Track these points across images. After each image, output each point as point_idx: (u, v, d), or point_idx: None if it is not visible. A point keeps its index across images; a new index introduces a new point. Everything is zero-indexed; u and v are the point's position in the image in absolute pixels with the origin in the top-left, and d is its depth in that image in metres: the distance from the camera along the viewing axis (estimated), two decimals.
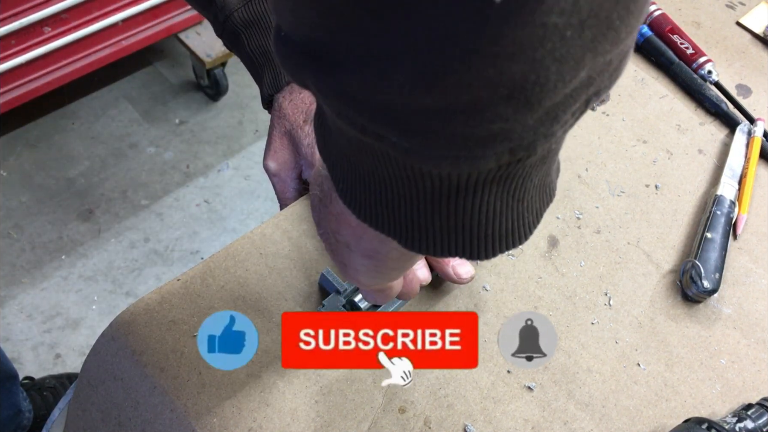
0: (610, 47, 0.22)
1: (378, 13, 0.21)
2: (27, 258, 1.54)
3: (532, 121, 0.23)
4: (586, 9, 0.20)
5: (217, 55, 1.70)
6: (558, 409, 0.54)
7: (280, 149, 0.62)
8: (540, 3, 0.19)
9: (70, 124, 1.76)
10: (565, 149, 0.70)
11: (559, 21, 0.20)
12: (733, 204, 0.65)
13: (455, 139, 0.23)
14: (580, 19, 0.20)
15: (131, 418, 0.52)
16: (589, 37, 0.21)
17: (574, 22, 0.20)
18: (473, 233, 0.28)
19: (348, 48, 0.22)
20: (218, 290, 0.56)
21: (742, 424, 0.51)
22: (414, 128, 0.23)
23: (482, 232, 0.28)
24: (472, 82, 0.21)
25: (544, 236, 0.63)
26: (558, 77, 0.21)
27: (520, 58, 0.20)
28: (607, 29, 0.21)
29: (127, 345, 0.53)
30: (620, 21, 0.21)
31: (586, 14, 0.20)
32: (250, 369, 0.52)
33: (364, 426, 0.51)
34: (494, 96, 0.21)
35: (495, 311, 0.58)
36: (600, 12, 0.20)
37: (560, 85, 0.22)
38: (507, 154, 0.24)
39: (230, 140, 1.78)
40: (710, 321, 0.60)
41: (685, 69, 0.77)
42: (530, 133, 0.23)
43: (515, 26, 0.19)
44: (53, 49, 1.50)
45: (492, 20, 0.19)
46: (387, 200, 0.28)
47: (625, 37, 0.22)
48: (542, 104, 0.22)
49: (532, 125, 0.23)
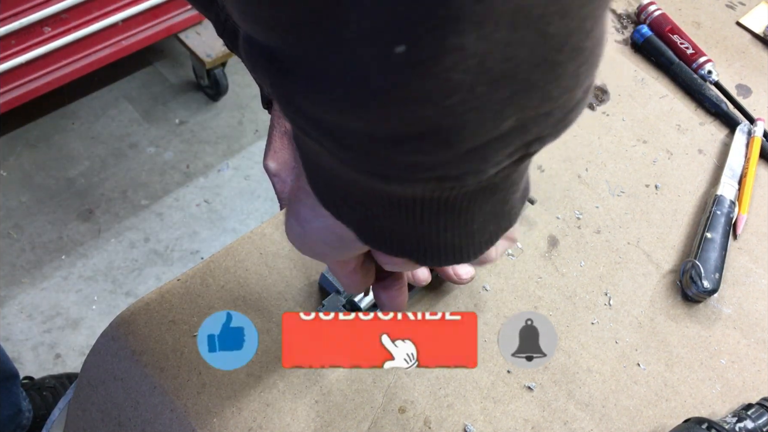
0: (540, 104, 0.23)
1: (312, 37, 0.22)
2: (27, 258, 1.54)
3: (455, 157, 0.24)
4: (497, 71, 0.21)
5: (217, 55, 1.70)
6: (558, 409, 0.54)
7: (280, 149, 0.62)
8: (441, 59, 0.20)
9: (70, 124, 1.76)
10: (565, 149, 0.70)
11: (466, 77, 0.21)
12: (733, 204, 0.65)
13: (382, 161, 0.25)
14: (492, 78, 0.21)
15: (131, 418, 0.52)
16: (507, 94, 0.22)
17: (484, 80, 0.21)
18: (420, 241, 0.29)
19: (296, 58, 0.23)
20: (218, 290, 0.56)
21: (742, 424, 0.51)
22: (346, 144, 0.24)
23: (428, 241, 0.29)
24: (388, 118, 0.22)
25: (544, 236, 0.63)
26: (477, 124, 0.22)
27: (431, 104, 0.21)
28: (530, 89, 0.22)
29: (127, 345, 0.53)
30: (547, 83, 0.22)
31: (498, 75, 0.21)
32: (250, 369, 0.52)
33: (364, 426, 0.51)
34: (411, 132, 0.23)
35: (495, 311, 0.58)
36: (516, 74, 0.21)
37: (481, 131, 0.23)
38: (434, 182, 0.25)
39: (230, 140, 1.78)
40: (710, 321, 0.60)
41: (685, 69, 0.77)
42: (455, 167, 0.24)
43: (419, 76, 0.21)
44: (53, 49, 1.50)
45: (397, 67, 0.21)
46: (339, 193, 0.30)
47: (560, 96, 0.23)
48: (462, 145, 0.23)
49: (456, 161, 0.24)
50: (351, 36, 0.21)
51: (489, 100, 0.22)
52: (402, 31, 0.20)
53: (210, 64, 1.70)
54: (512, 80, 0.21)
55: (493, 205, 0.29)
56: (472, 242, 0.30)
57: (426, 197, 0.27)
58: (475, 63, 0.20)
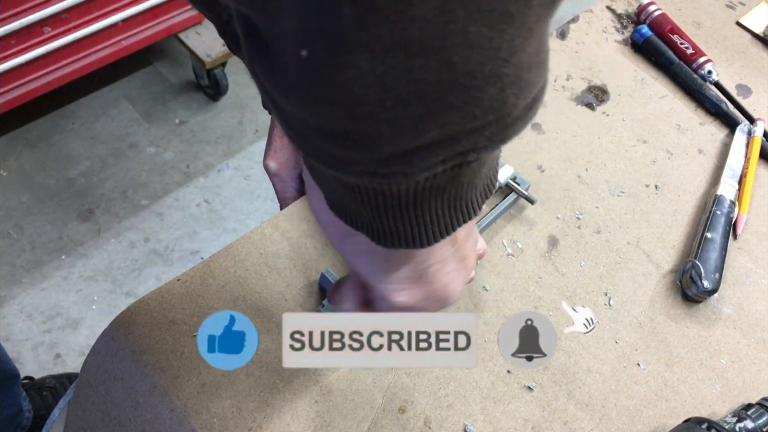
0: (464, 121, 0.24)
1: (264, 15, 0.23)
2: (27, 258, 1.54)
3: (380, 159, 0.25)
4: (404, 91, 0.22)
5: (217, 55, 1.70)
6: (558, 409, 0.54)
7: (281, 149, 0.62)
8: (339, 72, 0.21)
9: (70, 124, 1.76)
10: (565, 149, 0.70)
11: (370, 93, 0.22)
12: (733, 204, 0.65)
13: (317, 149, 0.26)
14: (399, 96, 0.22)
15: (131, 418, 0.52)
16: (421, 111, 0.23)
17: (391, 97, 0.22)
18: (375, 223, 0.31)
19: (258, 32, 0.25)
20: (218, 290, 0.56)
21: (742, 424, 0.51)
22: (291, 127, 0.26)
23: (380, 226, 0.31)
24: (312, 111, 0.24)
25: (544, 236, 0.63)
26: (393, 135, 0.23)
27: (342, 110, 0.23)
28: (447, 109, 0.23)
29: (127, 345, 0.53)
30: (467, 105, 0.23)
31: (406, 94, 0.22)
32: (250, 369, 0.52)
33: (364, 426, 0.51)
34: (335, 129, 0.24)
35: (495, 311, 0.58)
36: (426, 95, 0.22)
37: (398, 140, 0.24)
38: (367, 176, 0.26)
39: (230, 140, 1.78)
40: (710, 321, 0.60)
41: (685, 69, 0.77)
42: (382, 167, 0.25)
43: (322, 82, 0.22)
44: (53, 49, 1.50)
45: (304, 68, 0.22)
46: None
47: (486, 115, 0.24)
48: (382, 150, 0.24)
49: (381, 162, 0.25)
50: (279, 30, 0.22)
51: (401, 115, 0.22)
52: (305, 37, 0.22)
53: (210, 64, 1.70)
54: (423, 100, 0.22)
55: (445, 202, 0.30)
56: (426, 231, 0.31)
57: (370, 188, 0.28)
58: (374, 81, 0.21)
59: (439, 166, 0.26)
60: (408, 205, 0.29)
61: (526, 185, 0.64)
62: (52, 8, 1.43)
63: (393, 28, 0.20)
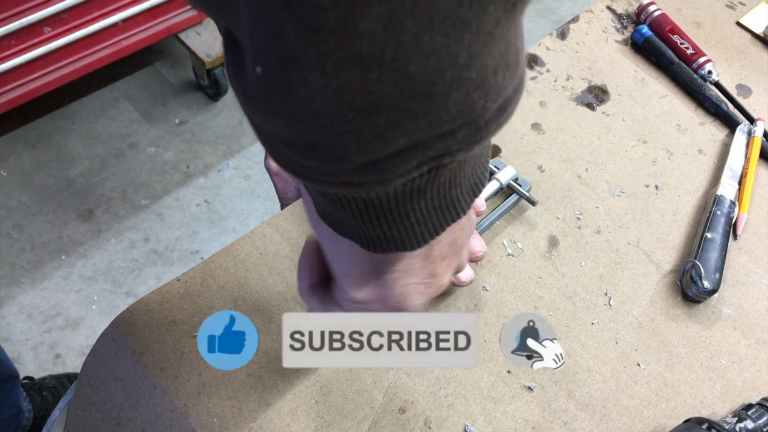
0: (432, 127, 0.23)
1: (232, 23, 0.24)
2: (27, 258, 1.54)
3: (351, 169, 0.25)
4: (363, 102, 0.22)
5: (217, 55, 1.70)
6: (558, 409, 0.54)
7: None
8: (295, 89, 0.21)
9: (70, 124, 1.76)
10: (565, 149, 0.70)
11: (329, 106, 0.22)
12: (733, 204, 0.65)
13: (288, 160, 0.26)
14: (360, 108, 0.22)
15: (131, 418, 0.52)
16: (384, 121, 0.22)
17: (351, 109, 0.22)
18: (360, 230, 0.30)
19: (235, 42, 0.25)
20: (218, 290, 0.56)
21: (742, 424, 0.51)
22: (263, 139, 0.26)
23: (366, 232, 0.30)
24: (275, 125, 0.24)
25: (544, 236, 0.63)
26: (360, 144, 0.23)
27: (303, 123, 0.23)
28: (412, 116, 0.23)
29: (127, 345, 0.53)
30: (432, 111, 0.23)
31: (366, 105, 0.22)
32: (250, 369, 0.52)
33: (364, 426, 0.51)
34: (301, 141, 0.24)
35: (495, 311, 0.58)
36: (388, 105, 0.22)
37: (366, 150, 0.24)
38: (341, 186, 0.26)
39: (230, 140, 1.78)
40: (710, 321, 0.60)
41: (685, 69, 0.77)
42: (356, 176, 0.25)
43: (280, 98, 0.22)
44: (53, 49, 1.50)
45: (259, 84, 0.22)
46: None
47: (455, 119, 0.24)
48: (352, 159, 0.24)
49: (353, 172, 0.25)
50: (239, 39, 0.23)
51: (365, 125, 0.22)
52: (258, 55, 0.22)
53: (210, 64, 1.70)
54: (385, 110, 0.22)
55: (429, 203, 0.30)
56: (413, 233, 0.31)
57: (350, 197, 0.28)
58: (331, 96, 0.21)
59: (415, 171, 0.26)
60: (391, 210, 0.29)
61: (527, 186, 0.64)
62: (52, 8, 1.43)
63: (340, 44, 0.20)
